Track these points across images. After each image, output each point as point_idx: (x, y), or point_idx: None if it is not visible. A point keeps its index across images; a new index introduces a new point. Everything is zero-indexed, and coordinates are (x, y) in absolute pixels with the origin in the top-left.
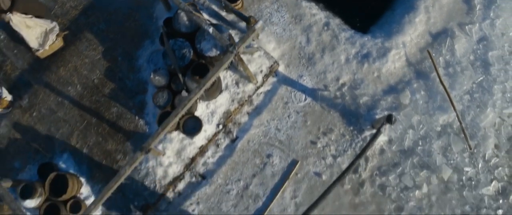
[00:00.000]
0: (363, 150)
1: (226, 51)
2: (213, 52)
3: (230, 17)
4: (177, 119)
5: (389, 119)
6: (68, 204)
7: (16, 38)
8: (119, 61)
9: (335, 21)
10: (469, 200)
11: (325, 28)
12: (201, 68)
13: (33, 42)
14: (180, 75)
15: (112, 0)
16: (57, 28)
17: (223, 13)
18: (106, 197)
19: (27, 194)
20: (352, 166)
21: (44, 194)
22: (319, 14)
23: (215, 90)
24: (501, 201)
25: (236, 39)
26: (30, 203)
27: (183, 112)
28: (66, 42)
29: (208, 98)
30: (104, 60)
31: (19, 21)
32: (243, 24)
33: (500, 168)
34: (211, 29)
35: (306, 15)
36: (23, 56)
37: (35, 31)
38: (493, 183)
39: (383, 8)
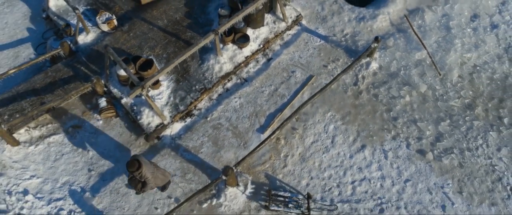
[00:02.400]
0: (358, 58)
1: None
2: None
3: None
4: (241, 16)
5: (376, 39)
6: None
7: None
8: (195, 8)
9: (340, 1)
10: (443, 109)
11: (334, 2)
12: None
13: None
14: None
15: None
16: None
17: None
18: (181, 60)
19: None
20: (349, 67)
21: (135, 69)
22: None
23: (260, 21)
24: (468, 111)
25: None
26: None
27: (243, 14)
28: None
29: (254, 26)
30: (185, 7)
31: None
32: None
33: (464, 90)
34: None
35: None
36: (128, 3)
37: None
38: (460, 99)
39: None
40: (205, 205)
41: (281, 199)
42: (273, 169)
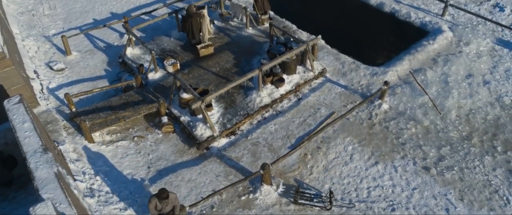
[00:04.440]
0: (371, 95)
1: (301, 46)
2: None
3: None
4: (279, 61)
5: (385, 83)
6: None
7: (186, 45)
8: (242, 60)
9: (358, 62)
10: (443, 138)
11: (353, 63)
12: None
13: (205, 37)
14: (277, 55)
15: (241, 38)
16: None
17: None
18: (232, 86)
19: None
20: (360, 104)
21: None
22: (349, 59)
23: (293, 69)
24: (465, 141)
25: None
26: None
27: (282, 59)
28: (214, 51)
29: (288, 73)
30: (233, 60)
31: (205, 19)
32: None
33: (461, 126)
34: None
35: (341, 58)
36: (188, 55)
37: (206, 34)
38: (458, 132)
39: (384, 60)
40: (243, 198)
41: (307, 195)
42: (301, 175)
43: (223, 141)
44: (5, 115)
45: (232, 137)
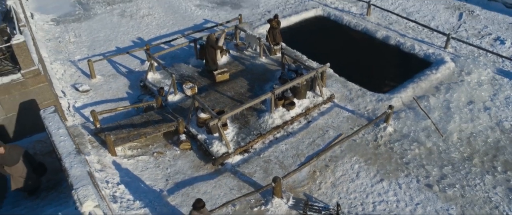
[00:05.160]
0: (377, 118)
1: (310, 72)
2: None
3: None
4: (290, 85)
5: (390, 107)
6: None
7: (203, 72)
8: (255, 85)
9: (364, 89)
10: (445, 159)
11: (359, 90)
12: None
13: (218, 67)
14: (290, 83)
15: (255, 66)
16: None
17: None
18: (247, 107)
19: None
20: (366, 126)
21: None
22: (356, 86)
23: (303, 94)
24: (466, 162)
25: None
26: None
27: (293, 84)
28: (230, 77)
29: (299, 97)
30: (248, 85)
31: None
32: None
33: (463, 147)
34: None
35: (349, 85)
36: (206, 81)
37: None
38: (460, 153)
39: (389, 88)
40: (255, 209)
41: (316, 208)
42: (310, 190)
43: (237, 158)
44: (33, 127)
45: (246, 155)
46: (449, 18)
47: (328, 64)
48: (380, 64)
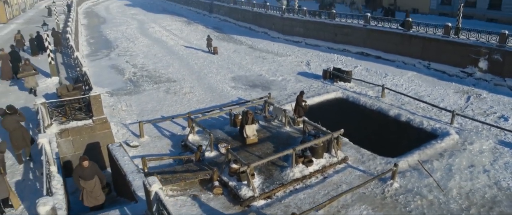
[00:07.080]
0: (383, 173)
1: (326, 136)
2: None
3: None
4: (309, 144)
5: (395, 165)
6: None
7: (236, 136)
8: (279, 148)
9: (375, 154)
10: (445, 208)
11: (371, 155)
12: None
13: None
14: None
15: (280, 133)
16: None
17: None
18: (264, 162)
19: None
20: (373, 179)
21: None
22: (368, 152)
23: (320, 154)
24: (465, 211)
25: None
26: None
27: (312, 143)
28: (258, 141)
29: (317, 157)
30: (273, 147)
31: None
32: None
33: (461, 200)
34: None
35: (361, 151)
36: (237, 143)
37: (252, 129)
38: (459, 204)
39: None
40: None
41: None
42: None
43: (261, 202)
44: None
45: (269, 200)
46: (457, 100)
47: (342, 130)
48: (391, 136)
